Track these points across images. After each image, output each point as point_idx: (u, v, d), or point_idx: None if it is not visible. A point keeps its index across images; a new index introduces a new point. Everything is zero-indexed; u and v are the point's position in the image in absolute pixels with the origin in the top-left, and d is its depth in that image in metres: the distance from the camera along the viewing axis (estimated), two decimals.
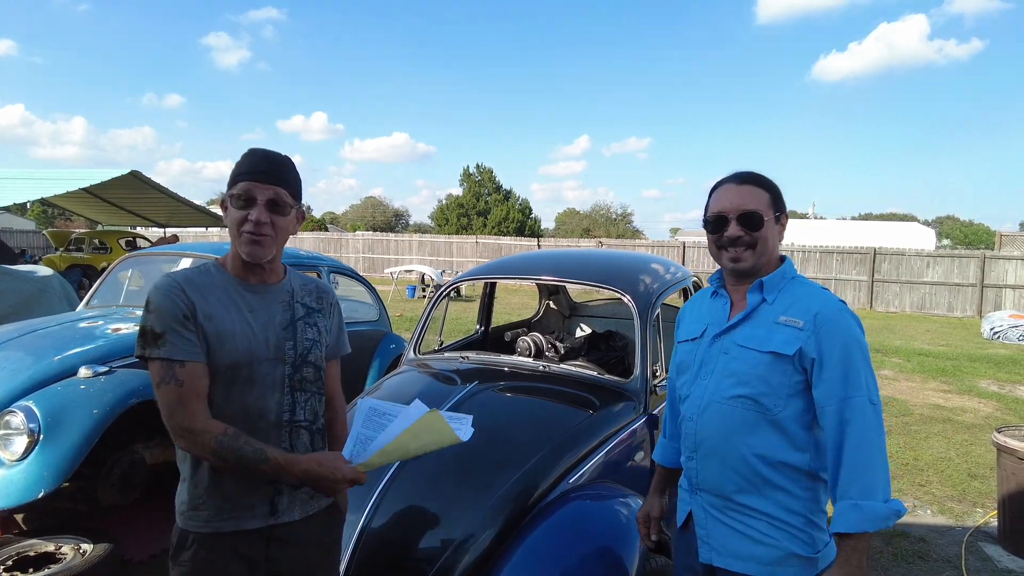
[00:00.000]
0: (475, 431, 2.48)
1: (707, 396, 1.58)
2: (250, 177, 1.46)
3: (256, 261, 1.49)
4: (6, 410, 2.93)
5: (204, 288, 1.47)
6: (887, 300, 17.94)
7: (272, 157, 1.50)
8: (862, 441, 1.39)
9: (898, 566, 3.46)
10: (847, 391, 1.42)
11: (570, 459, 2.31)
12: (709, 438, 1.57)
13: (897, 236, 25.81)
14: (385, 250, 25.08)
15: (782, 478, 1.49)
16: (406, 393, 2.82)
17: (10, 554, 2.93)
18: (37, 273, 6.29)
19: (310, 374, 1.56)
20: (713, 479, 1.57)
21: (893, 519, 1.37)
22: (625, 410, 2.69)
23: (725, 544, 1.56)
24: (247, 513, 1.48)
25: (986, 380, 8.52)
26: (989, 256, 17.29)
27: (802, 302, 1.52)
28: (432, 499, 2.06)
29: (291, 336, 1.54)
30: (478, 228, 36.01)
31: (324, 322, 1.63)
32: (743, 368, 1.52)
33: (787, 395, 1.48)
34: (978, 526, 3.99)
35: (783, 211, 1.62)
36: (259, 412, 1.48)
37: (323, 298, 1.66)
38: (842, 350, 1.44)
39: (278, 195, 1.47)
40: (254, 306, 1.51)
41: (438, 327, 3.68)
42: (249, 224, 1.44)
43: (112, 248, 16.82)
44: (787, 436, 1.49)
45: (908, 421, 6.39)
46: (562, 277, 3.38)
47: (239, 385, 1.47)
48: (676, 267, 3.70)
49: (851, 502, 1.36)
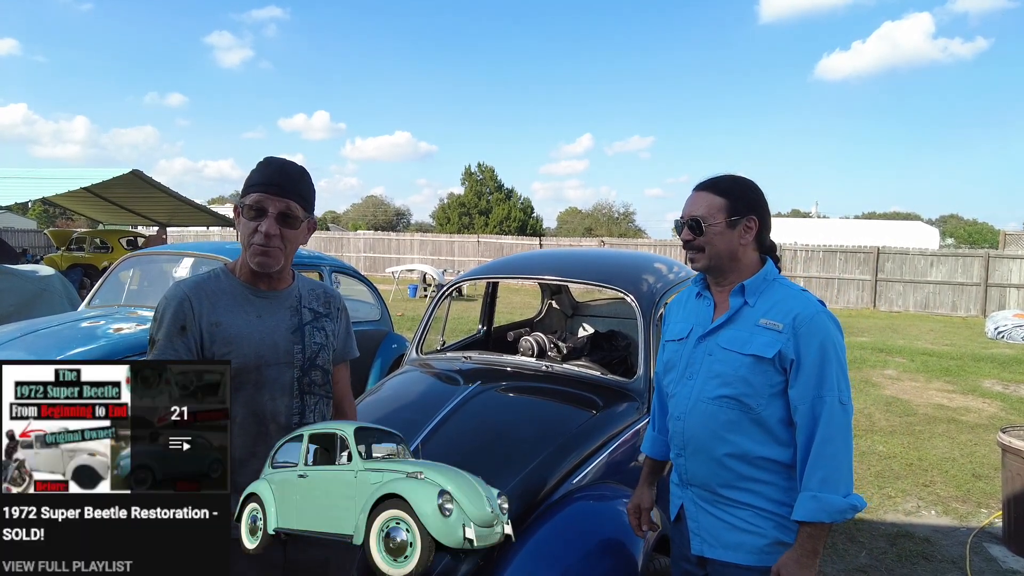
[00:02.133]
0: (479, 430, 2.48)
1: (693, 396, 1.65)
2: (263, 189, 1.47)
3: (265, 271, 1.53)
4: None
5: (213, 295, 1.51)
6: (890, 299, 17.90)
7: (286, 169, 1.51)
8: (828, 437, 1.47)
9: (902, 567, 3.45)
10: (820, 391, 1.49)
11: (574, 459, 2.30)
12: (696, 437, 1.64)
13: (901, 235, 25.71)
14: (386, 249, 25.09)
15: (766, 472, 1.56)
16: (407, 393, 2.82)
17: None
18: (39, 273, 6.30)
19: (318, 377, 1.58)
20: (701, 475, 1.65)
21: (850, 512, 1.47)
22: (628, 410, 2.68)
23: (715, 535, 1.63)
24: None
25: (990, 380, 8.49)
26: (993, 255, 17.24)
27: (782, 305, 1.58)
28: None
29: (299, 340, 1.56)
30: (480, 227, 35.97)
31: (331, 326, 1.65)
32: (726, 370, 1.59)
33: (769, 395, 1.55)
34: (983, 527, 3.97)
35: (746, 214, 1.63)
36: (270, 415, 1.50)
37: (331, 303, 1.68)
38: (818, 351, 1.51)
39: (289, 208, 1.48)
40: (262, 311, 1.54)
41: (440, 327, 3.67)
42: (259, 236, 1.46)
43: (113, 247, 16.82)
44: (770, 433, 1.56)
45: (912, 421, 6.37)
46: (565, 277, 3.37)
47: (248, 389, 1.48)
48: (679, 266, 3.68)
49: (811, 493, 1.46)
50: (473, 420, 2.42)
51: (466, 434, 2.34)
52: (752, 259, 1.66)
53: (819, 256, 18.62)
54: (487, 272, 3.56)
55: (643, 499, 1.88)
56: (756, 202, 1.65)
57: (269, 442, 1.47)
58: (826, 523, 1.46)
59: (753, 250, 1.66)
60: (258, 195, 1.47)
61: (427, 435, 2.26)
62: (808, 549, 1.47)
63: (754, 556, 1.57)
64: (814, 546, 1.47)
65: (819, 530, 1.47)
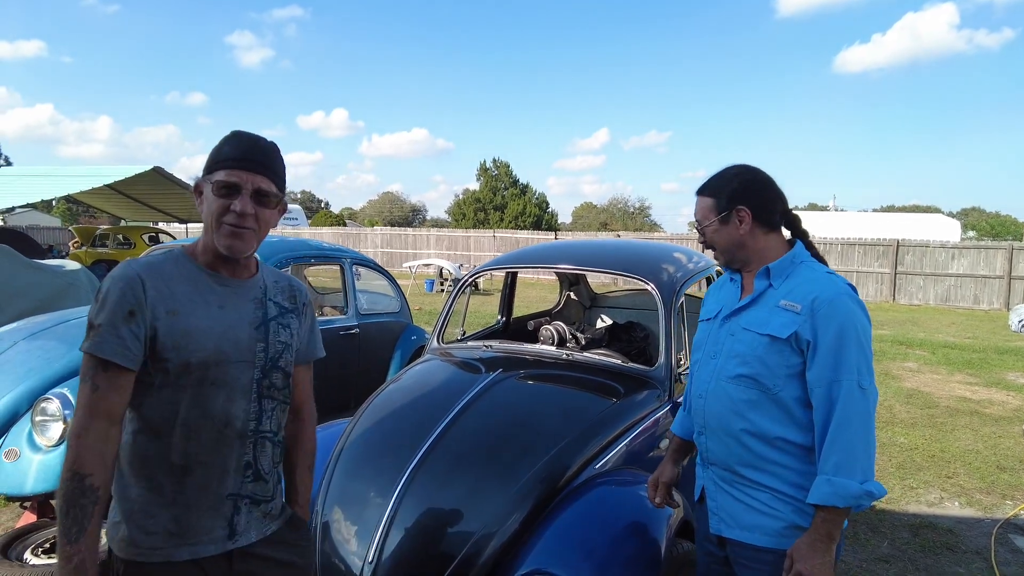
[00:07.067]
0: (502, 417, 2.50)
1: (715, 375, 1.68)
2: (236, 164, 1.32)
3: (235, 256, 1.35)
4: (42, 397, 3.01)
5: (170, 279, 1.31)
6: (910, 293, 17.65)
7: (260, 143, 1.37)
8: (844, 422, 1.45)
9: (925, 557, 3.43)
10: (837, 374, 1.48)
11: (596, 445, 2.32)
12: (715, 415, 1.66)
13: (921, 228, 25.28)
14: (403, 245, 25.21)
15: (784, 454, 1.56)
16: (430, 381, 2.85)
17: (48, 537, 3.00)
18: (65, 268, 6.42)
19: (279, 380, 1.42)
20: (720, 454, 1.67)
21: (866, 499, 1.44)
22: (649, 398, 2.69)
23: (733, 516, 1.65)
24: (205, 538, 1.31)
25: (1014, 373, 8.36)
26: (1017, 248, 16.90)
27: (804, 287, 1.58)
28: (459, 484, 2.08)
29: (263, 337, 1.39)
30: (495, 223, 35.97)
31: (296, 324, 1.48)
32: (745, 350, 1.61)
33: (785, 375, 1.55)
34: (1008, 518, 3.93)
35: (733, 207, 1.65)
36: (224, 420, 1.33)
37: (296, 297, 1.51)
38: (835, 334, 1.49)
39: (265, 185, 1.34)
40: (224, 301, 1.36)
41: (458, 320, 3.70)
42: (232, 215, 1.31)
43: (136, 243, 17.11)
44: (788, 413, 1.55)
45: (934, 413, 6.30)
46: (586, 266, 3.38)
47: (205, 388, 1.31)
48: (699, 256, 3.68)
49: (826, 477, 1.45)
50: (496, 407, 2.45)
51: (490, 420, 2.37)
52: (766, 243, 1.67)
53: (837, 249, 18.40)
54: (509, 262, 3.58)
55: (664, 472, 1.92)
56: (742, 191, 1.66)
57: (224, 450, 1.33)
58: (840, 508, 1.44)
59: (764, 234, 1.66)
60: (231, 170, 1.31)
61: (451, 421, 2.29)
62: (822, 533, 1.45)
63: (771, 538, 1.58)
64: (828, 531, 1.45)
65: (834, 515, 1.45)
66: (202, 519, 1.32)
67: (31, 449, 2.93)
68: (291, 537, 1.48)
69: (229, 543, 1.35)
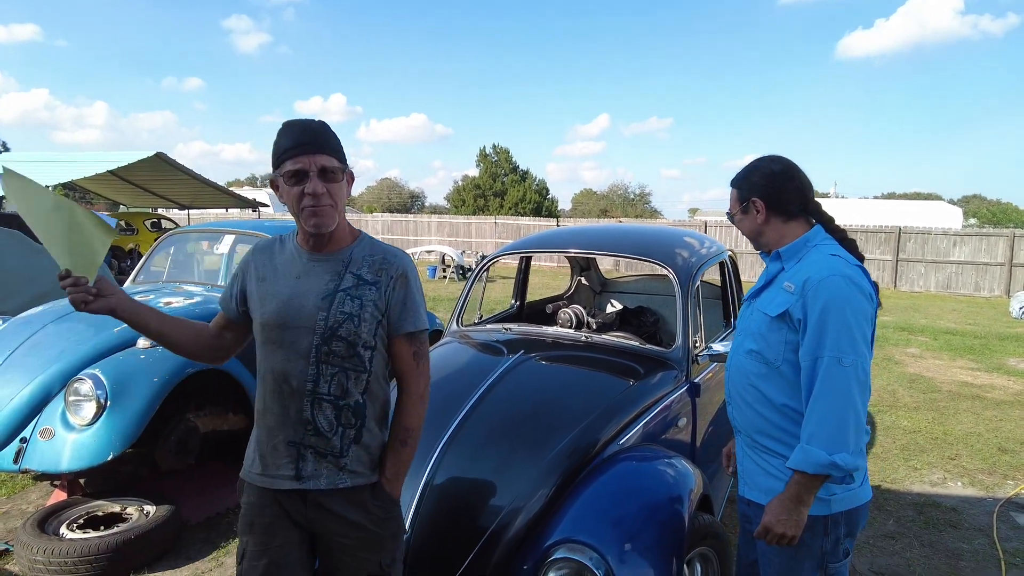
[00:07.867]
0: (525, 397, 2.56)
1: (736, 350, 1.87)
2: (297, 151, 1.45)
3: (322, 231, 1.50)
4: (75, 377, 3.08)
5: (274, 254, 1.61)
6: (912, 280, 17.73)
7: (310, 126, 1.49)
8: (819, 394, 1.56)
9: (929, 534, 3.53)
10: (819, 350, 1.57)
11: (619, 423, 2.40)
12: (736, 386, 1.83)
13: (922, 215, 25.35)
14: (404, 231, 25.20)
15: (792, 423, 1.67)
16: (453, 363, 2.92)
17: (81, 513, 3.10)
18: None
19: (340, 348, 1.50)
20: (742, 422, 1.83)
21: (833, 470, 1.53)
22: (666, 378, 2.77)
23: (753, 479, 1.80)
24: (278, 473, 1.54)
25: (1015, 358, 8.46)
26: (1019, 235, 16.97)
27: (804, 268, 1.68)
28: (490, 458, 2.16)
29: (326, 307, 1.50)
30: (495, 209, 35.94)
31: (374, 295, 1.53)
32: (754, 327, 1.78)
33: (783, 350, 1.68)
34: (1009, 497, 4.03)
35: (750, 198, 1.80)
36: (283, 376, 1.51)
37: (384, 270, 1.56)
38: (820, 312, 1.58)
39: (327, 163, 1.47)
40: (305, 273, 1.54)
41: (474, 305, 3.76)
42: (308, 198, 1.45)
43: (138, 229, 17.12)
44: (792, 385, 1.67)
45: (936, 397, 6.40)
46: (604, 250, 3.44)
47: (270, 346, 1.53)
48: (711, 242, 3.75)
49: (800, 445, 1.58)
50: (521, 385, 2.52)
51: (516, 398, 2.44)
52: (785, 231, 1.78)
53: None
54: (527, 246, 3.64)
55: (732, 445, 2.09)
56: (759, 183, 1.79)
57: (283, 402, 1.51)
58: (809, 474, 1.55)
59: (783, 222, 1.78)
60: (293, 159, 1.45)
61: (478, 399, 2.36)
62: (791, 494, 1.59)
63: None
64: (798, 493, 1.58)
65: (805, 479, 1.56)
66: (274, 457, 1.54)
67: (65, 428, 3.01)
68: (371, 503, 1.57)
69: (297, 483, 1.53)
